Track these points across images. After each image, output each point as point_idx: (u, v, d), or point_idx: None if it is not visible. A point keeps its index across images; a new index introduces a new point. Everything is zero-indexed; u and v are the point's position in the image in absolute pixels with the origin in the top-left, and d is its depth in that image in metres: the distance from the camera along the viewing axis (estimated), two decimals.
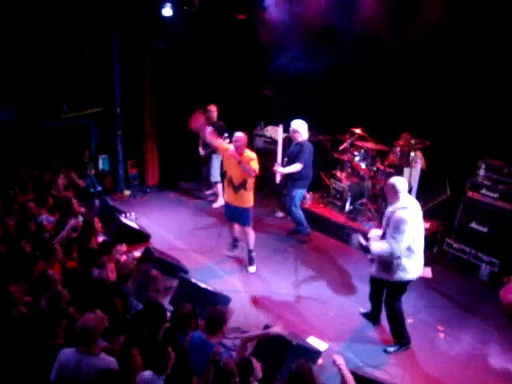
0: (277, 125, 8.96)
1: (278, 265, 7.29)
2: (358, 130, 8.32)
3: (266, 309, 6.17)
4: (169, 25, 9.13)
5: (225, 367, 3.71)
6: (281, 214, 8.83)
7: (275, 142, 9.08)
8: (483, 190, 6.93)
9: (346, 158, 8.60)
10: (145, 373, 3.93)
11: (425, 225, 5.37)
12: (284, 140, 8.79)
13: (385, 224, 5.19)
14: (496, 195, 6.79)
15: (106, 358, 3.95)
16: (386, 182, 5.48)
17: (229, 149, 6.82)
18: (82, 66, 9.28)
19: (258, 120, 10.16)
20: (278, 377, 4.45)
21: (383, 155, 8.36)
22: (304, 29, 8.35)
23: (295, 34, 8.48)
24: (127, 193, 9.94)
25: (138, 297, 5.16)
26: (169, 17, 8.86)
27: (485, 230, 6.90)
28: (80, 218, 6.97)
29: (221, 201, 9.34)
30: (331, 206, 8.68)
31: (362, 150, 8.40)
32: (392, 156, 8.15)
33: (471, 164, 7.21)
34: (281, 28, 8.64)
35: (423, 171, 7.77)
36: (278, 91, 10.20)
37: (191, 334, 4.50)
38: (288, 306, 6.23)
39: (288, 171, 7.55)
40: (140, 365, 4.14)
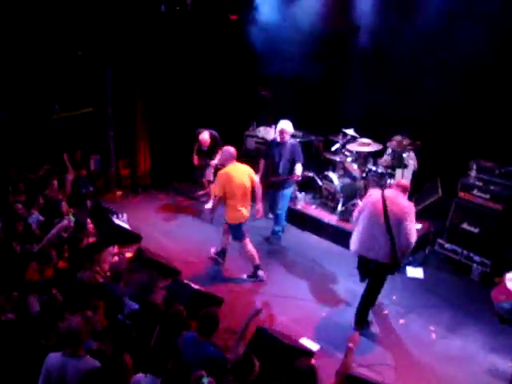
0: (269, 125, 8.99)
1: (271, 266, 7.28)
2: (351, 131, 8.33)
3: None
4: (161, 24, 9.12)
5: None
6: (272, 216, 8.81)
7: (267, 143, 9.12)
8: (475, 191, 6.95)
9: (338, 158, 8.61)
10: (139, 376, 3.90)
11: (417, 225, 5.43)
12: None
13: None
14: (487, 196, 6.82)
15: (91, 360, 3.93)
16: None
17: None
18: (74, 65, 9.24)
19: (251, 120, 10.16)
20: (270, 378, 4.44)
21: (375, 156, 8.38)
22: (297, 31, 8.40)
23: (287, 35, 8.52)
24: (119, 193, 9.89)
25: (134, 297, 5.09)
26: (161, 16, 8.84)
27: (476, 230, 6.92)
28: (72, 219, 6.92)
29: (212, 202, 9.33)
30: (323, 207, 8.68)
31: (355, 151, 8.40)
32: (384, 157, 8.16)
33: (463, 165, 7.24)
34: (273, 29, 8.67)
35: (415, 173, 7.84)
36: (270, 92, 10.22)
37: (184, 335, 4.47)
38: (280, 307, 6.22)
39: (304, 174, 7.78)
40: (131, 368, 4.10)
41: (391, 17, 7.60)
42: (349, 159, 8.43)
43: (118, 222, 7.57)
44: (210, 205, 9.24)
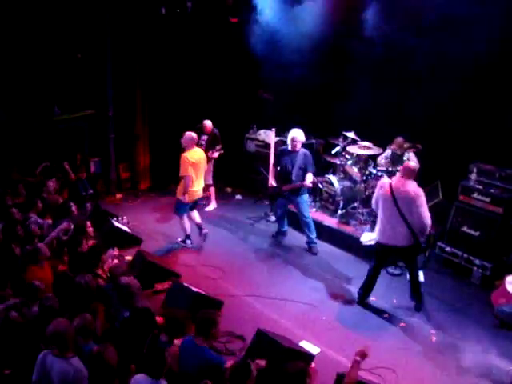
0: (269, 128, 8.99)
1: (271, 269, 7.28)
2: (351, 134, 8.32)
3: (259, 313, 6.15)
4: (162, 27, 9.13)
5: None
6: (273, 218, 8.81)
7: (267, 146, 9.12)
8: (475, 194, 6.95)
9: (338, 161, 8.60)
10: (138, 376, 3.89)
11: None
12: (276, 144, 8.83)
13: None
14: (488, 199, 6.81)
15: (77, 363, 3.91)
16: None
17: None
18: (74, 67, 9.25)
19: (251, 123, 10.15)
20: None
21: (376, 159, 8.36)
22: (298, 34, 8.41)
23: (288, 38, 8.52)
24: (119, 196, 9.89)
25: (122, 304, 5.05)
26: (162, 19, 8.85)
27: (477, 233, 6.91)
28: (72, 222, 6.91)
29: (213, 204, 9.33)
30: (323, 210, 8.68)
31: (355, 154, 8.40)
32: (381, 158, 8.16)
33: (463, 168, 7.23)
34: (274, 32, 8.67)
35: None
36: (271, 94, 10.21)
37: (182, 339, 4.46)
38: (280, 309, 6.21)
39: (315, 181, 7.93)
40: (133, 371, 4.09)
41: (392, 20, 7.59)
42: (349, 162, 8.43)
43: (117, 224, 7.58)
44: (211, 207, 9.28)
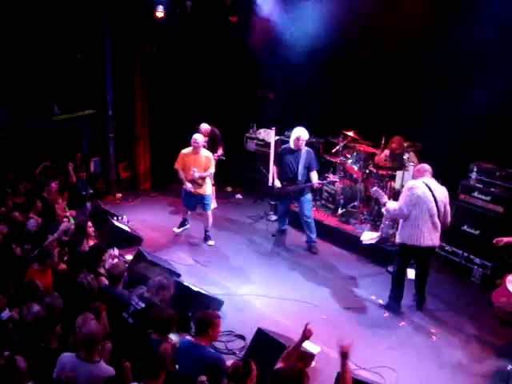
0: (269, 127, 8.99)
1: (271, 268, 7.28)
2: (351, 133, 8.32)
3: (259, 312, 6.15)
4: (161, 27, 9.13)
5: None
6: (274, 217, 8.81)
7: (267, 145, 9.12)
8: (475, 193, 6.95)
9: (338, 160, 8.60)
10: None
11: None
12: (276, 143, 8.82)
13: None
14: (488, 198, 6.81)
15: (105, 366, 3.90)
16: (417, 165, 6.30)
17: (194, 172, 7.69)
18: (74, 67, 9.25)
19: (251, 123, 10.15)
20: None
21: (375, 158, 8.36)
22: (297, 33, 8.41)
23: (287, 37, 8.53)
24: (119, 196, 9.89)
25: (141, 297, 5.04)
26: (161, 19, 8.84)
27: (477, 232, 6.91)
28: (71, 221, 6.91)
29: (214, 203, 9.32)
30: (323, 209, 8.68)
31: (355, 153, 8.40)
32: (379, 158, 8.15)
33: (463, 167, 7.23)
34: (273, 31, 8.67)
35: None
36: (270, 94, 10.22)
37: (180, 340, 4.46)
38: (281, 309, 6.20)
39: (325, 181, 8.02)
40: (130, 370, 4.08)
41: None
42: (349, 161, 8.43)
43: (118, 224, 7.57)
44: (212, 206, 9.27)
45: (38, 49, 8.66)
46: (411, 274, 6.60)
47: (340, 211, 8.30)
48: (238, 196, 10.05)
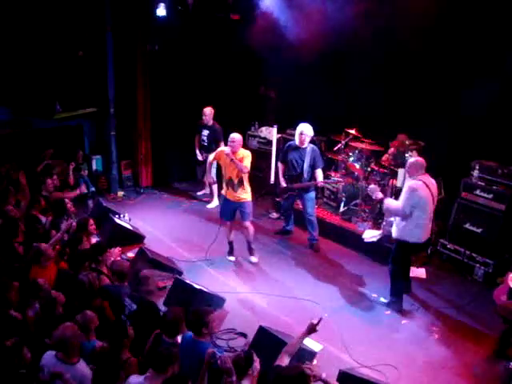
0: (271, 125, 8.98)
1: (273, 266, 7.27)
2: (353, 131, 8.32)
3: (261, 310, 6.15)
4: (163, 25, 9.11)
5: (222, 366, 3.73)
6: (275, 215, 8.81)
7: (269, 143, 9.11)
8: (477, 191, 6.94)
9: (340, 158, 8.59)
10: (134, 377, 3.87)
11: None
12: (278, 141, 8.82)
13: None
14: (490, 196, 6.80)
15: (83, 368, 3.90)
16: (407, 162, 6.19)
17: (224, 150, 6.87)
18: (76, 65, 9.24)
19: (253, 120, 10.14)
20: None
21: (378, 156, 8.36)
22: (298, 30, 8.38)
23: (289, 34, 8.50)
24: (121, 194, 9.89)
25: (131, 297, 5.10)
26: (162, 17, 8.84)
27: (479, 230, 6.90)
28: (74, 219, 6.91)
29: (215, 201, 9.33)
30: (325, 207, 8.68)
31: (357, 151, 8.39)
32: (386, 157, 8.15)
33: (465, 165, 7.21)
34: (274, 28, 8.64)
35: None
36: (273, 91, 10.20)
37: (183, 335, 4.48)
38: (283, 306, 6.21)
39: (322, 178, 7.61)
40: (136, 366, 4.09)
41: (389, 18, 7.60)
42: (351, 159, 8.42)
43: (119, 222, 7.57)
44: (213, 205, 9.28)
45: (40, 47, 8.64)
46: (422, 272, 6.62)
47: (342, 209, 8.30)
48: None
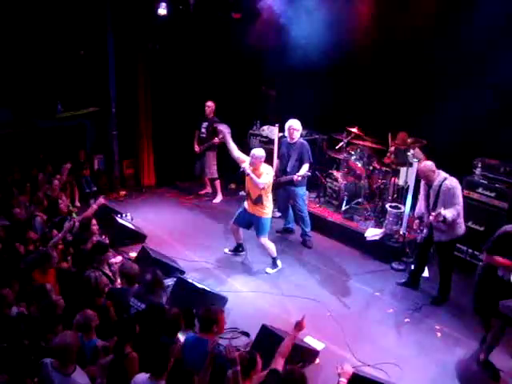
0: (273, 124, 8.97)
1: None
2: (355, 129, 8.30)
3: (264, 309, 6.15)
4: (164, 24, 9.11)
5: (227, 355, 3.80)
6: (278, 214, 8.79)
7: (271, 142, 9.09)
8: (480, 189, 6.92)
9: (342, 157, 8.58)
10: (140, 375, 3.88)
11: None
12: (280, 140, 8.79)
13: (433, 198, 5.99)
14: (493, 194, 6.78)
15: (79, 378, 3.83)
16: (421, 170, 6.18)
17: (244, 162, 6.84)
18: (77, 65, 9.24)
19: (254, 119, 10.13)
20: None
21: (380, 154, 8.35)
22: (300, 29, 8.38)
23: (291, 33, 8.49)
24: (123, 193, 9.90)
25: (138, 297, 5.08)
26: (164, 16, 8.83)
27: (482, 228, 6.87)
28: (76, 219, 6.92)
29: (220, 197, 9.40)
30: (327, 206, 8.67)
31: (359, 149, 8.38)
32: (388, 155, 8.13)
33: (467, 163, 7.19)
34: (276, 26, 8.64)
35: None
36: (274, 91, 10.20)
37: (186, 335, 4.51)
38: (285, 305, 6.21)
39: (304, 174, 7.36)
40: (136, 361, 4.09)
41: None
42: (353, 157, 8.41)
43: (122, 221, 7.59)
44: (218, 199, 9.32)
45: (41, 46, 8.65)
46: (425, 271, 6.59)
47: (344, 208, 8.29)
48: (242, 193, 10.01)
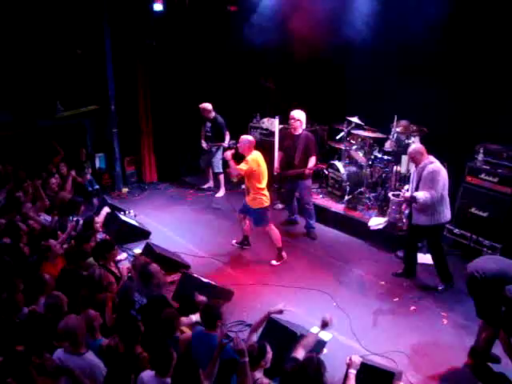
0: (273, 117, 8.96)
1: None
2: (355, 119, 8.28)
3: (270, 301, 6.14)
4: (160, 19, 9.08)
5: (235, 347, 3.80)
6: (280, 206, 8.80)
7: (271, 134, 9.09)
8: (482, 175, 6.89)
9: (343, 147, 8.57)
10: (146, 373, 3.89)
11: None
12: (280, 132, 8.79)
13: (416, 180, 6.09)
14: (495, 179, 6.75)
15: (92, 358, 3.96)
16: (409, 151, 6.26)
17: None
18: (75, 64, 9.23)
19: (255, 112, 10.12)
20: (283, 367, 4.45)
21: (381, 144, 8.32)
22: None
23: (289, 24, 8.45)
24: (125, 190, 9.91)
25: (140, 292, 5.11)
26: (159, 11, 8.81)
27: (485, 214, 6.85)
28: (80, 218, 6.93)
29: (223, 190, 9.41)
30: (330, 196, 8.67)
31: (359, 139, 8.36)
32: (389, 143, 8.10)
33: (470, 149, 7.17)
34: (274, 19, 8.60)
35: None
36: (273, 82, 10.16)
37: (194, 329, 4.54)
38: (291, 297, 6.21)
39: (313, 166, 7.45)
40: (147, 361, 4.10)
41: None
42: (354, 147, 8.40)
43: (125, 218, 7.60)
44: (220, 194, 9.33)
45: (39, 46, 8.64)
46: (429, 258, 6.58)
47: (347, 198, 8.28)
48: (244, 186, 10.04)
